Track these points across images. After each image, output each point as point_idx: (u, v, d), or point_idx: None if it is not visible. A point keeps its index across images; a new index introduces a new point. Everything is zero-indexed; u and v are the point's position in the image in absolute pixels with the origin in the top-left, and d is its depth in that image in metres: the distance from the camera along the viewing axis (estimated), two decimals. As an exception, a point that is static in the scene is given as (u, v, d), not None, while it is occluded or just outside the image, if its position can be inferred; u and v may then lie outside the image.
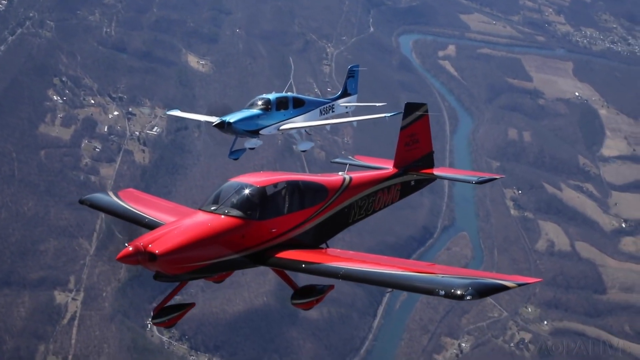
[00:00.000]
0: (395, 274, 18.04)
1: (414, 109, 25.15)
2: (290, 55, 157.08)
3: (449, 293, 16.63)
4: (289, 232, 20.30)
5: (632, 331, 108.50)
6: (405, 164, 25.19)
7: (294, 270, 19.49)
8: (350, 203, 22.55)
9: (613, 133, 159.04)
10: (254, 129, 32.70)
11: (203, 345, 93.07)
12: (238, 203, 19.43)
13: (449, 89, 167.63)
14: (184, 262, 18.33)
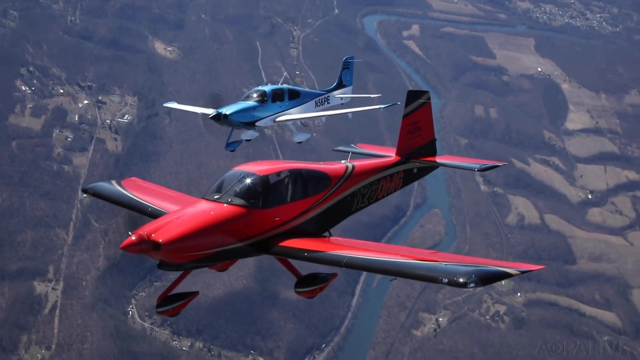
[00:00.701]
0: (398, 262, 18.09)
1: (416, 97, 25.14)
2: (257, 40, 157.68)
3: (452, 281, 16.60)
4: (292, 221, 20.27)
5: (602, 299, 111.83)
6: (408, 152, 25.23)
7: (297, 259, 19.38)
8: (353, 191, 22.53)
9: (576, 107, 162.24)
10: (250, 121, 32.73)
11: (185, 329, 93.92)
12: (241, 192, 19.41)
13: (415, 68, 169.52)
14: (187, 250, 18.31)
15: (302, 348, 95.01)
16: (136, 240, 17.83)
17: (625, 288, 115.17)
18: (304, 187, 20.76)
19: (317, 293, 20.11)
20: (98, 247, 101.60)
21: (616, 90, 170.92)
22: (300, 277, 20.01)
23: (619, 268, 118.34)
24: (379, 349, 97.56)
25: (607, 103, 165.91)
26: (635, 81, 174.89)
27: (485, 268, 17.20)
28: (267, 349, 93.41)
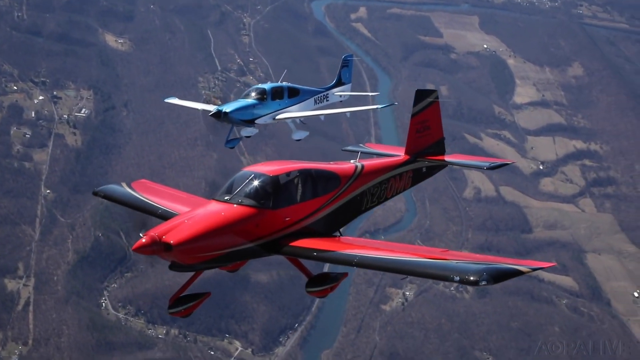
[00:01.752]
0: (410, 261, 18.16)
1: (424, 96, 25.16)
2: (208, 28, 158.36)
3: (464, 279, 16.66)
4: (303, 221, 20.37)
5: (559, 264, 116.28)
6: (417, 151, 25.26)
7: (308, 259, 19.54)
8: (363, 190, 22.62)
9: (522, 81, 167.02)
10: (249, 119, 33.16)
11: (160, 318, 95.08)
12: (251, 192, 19.46)
13: (365, 50, 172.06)
14: (198, 251, 18.40)
15: (276, 329, 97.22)
16: (148, 242, 17.93)
17: (579, 253, 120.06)
18: (314, 187, 20.84)
19: (328, 292, 20.17)
20: (66, 241, 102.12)
21: (559, 63, 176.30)
22: (311, 276, 20.11)
23: (572, 234, 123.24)
24: (350, 325, 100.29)
25: (551, 76, 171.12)
26: (576, 54, 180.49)
27: (497, 266, 17.28)
28: (242, 331, 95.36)
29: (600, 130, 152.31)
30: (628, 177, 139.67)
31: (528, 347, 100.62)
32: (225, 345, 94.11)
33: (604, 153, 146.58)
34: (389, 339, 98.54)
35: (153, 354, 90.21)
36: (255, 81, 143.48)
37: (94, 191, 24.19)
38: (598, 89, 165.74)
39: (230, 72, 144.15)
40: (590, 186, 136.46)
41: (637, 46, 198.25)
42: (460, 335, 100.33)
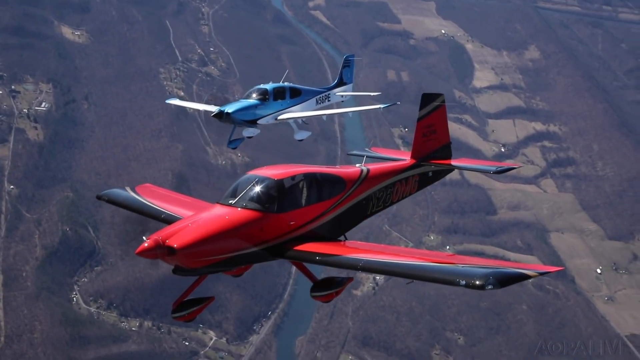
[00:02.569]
0: (416, 265, 18.01)
1: (431, 100, 24.79)
2: (167, 18, 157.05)
3: (470, 283, 16.52)
4: (308, 225, 20.17)
5: (524, 244, 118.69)
6: (423, 155, 24.94)
7: (313, 263, 19.39)
8: (369, 195, 22.41)
9: (481, 65, 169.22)
10: (252, 119, 33.03)
11: (132, 310, 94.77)
12: (256, 196, 19.25)
13: (325, 38, 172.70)
14: (202, 255, 18.20)
15: (250, 317, 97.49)
16: (151, 245, 17.70)
17: (543, 232, 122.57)
18: (319, 191, 20.68)
19: (333, 297, 20.08)
20: (33, 237, 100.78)
21: (516, 47, 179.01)
22: (316, 281, 19.97)
23: (535, 214, 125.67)
24: (323, 311, 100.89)
25: (509, 60, 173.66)
26: (532, 37, 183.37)
27: (503, 270, 17.14)
28: (216, 321, 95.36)
29: (559, 111, 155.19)
30: (587, 157, 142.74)
31: (497, 326, 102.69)
32: (200, 336, 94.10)
33: (563, 134, 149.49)
34: (362, 323, 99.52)
35: (128, 347, 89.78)
36: (217, 71, 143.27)
37: (98, 195, 24.03)
38: (554, 72, 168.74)
39: (192, 63, 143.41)
40: (550, 167, 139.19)
41: (589, 29, 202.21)
42: (432, 317, 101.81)
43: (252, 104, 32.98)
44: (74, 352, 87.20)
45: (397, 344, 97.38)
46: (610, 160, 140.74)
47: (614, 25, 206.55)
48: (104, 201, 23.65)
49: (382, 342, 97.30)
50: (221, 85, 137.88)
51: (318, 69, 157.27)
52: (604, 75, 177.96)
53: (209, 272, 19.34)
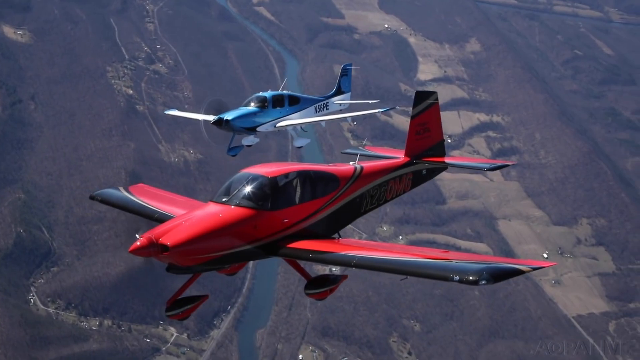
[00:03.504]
0: (409, 261, 17.98)
1: (424, 98, 24.86)
2: (111, 17, 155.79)
3: (464, 279, 16.48)
4: (301, 222, 20.13)
5: (473, 232, 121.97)
6: (417, 153, 25.01)
7: (307, 260, 19.34)
8: (362, 192, 22.39)
9: (424, 58, 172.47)
10: (251, 126, 33.17)
11: (92, 310, 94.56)
12: (249, 194, 19.22)
13: (270, 34, 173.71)
14: (196, 253, 18.15)
15: (210, 312, 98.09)
16: (144, 243, 17.72)
17: (491, 220, 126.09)
18: (313, 188, 20.63)
19: (327, 295, 20.17)
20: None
21: (457, 40, 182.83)
22: (310, 279, 20.05)
23: (483, 203, 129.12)
24: (282, 304, 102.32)
25: (451, 53, 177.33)
26: (472, 30, 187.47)
27: (497, 265, 17.15)
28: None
29: (501, 102, 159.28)
30: (530, 146, 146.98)
31: (451, 312, 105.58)
32: (161, 332, 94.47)
33: (506, 124, 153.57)
34: (321, 314, 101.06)
35: (89, 346, 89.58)
36: (165, 69, 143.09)
37: (91, 195, 23.82)
38: (495, 63, 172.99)
39: (139, 61, 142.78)
40: (495, 156, 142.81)
41: (526, 21, 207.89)
42: (388, 305, 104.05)
43: (251, 112, 33.18)
44: (35, 352, 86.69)
45: (355, 333, 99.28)
46: (552, 149, 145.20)
47: (550, 17, 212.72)
48: (97, 201, 23.48)
49: (341, 332, 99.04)
50: (170, 83, 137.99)
51: (265, 64, 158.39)
52: (543, 66, 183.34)
53: (202, 270, 19.19)
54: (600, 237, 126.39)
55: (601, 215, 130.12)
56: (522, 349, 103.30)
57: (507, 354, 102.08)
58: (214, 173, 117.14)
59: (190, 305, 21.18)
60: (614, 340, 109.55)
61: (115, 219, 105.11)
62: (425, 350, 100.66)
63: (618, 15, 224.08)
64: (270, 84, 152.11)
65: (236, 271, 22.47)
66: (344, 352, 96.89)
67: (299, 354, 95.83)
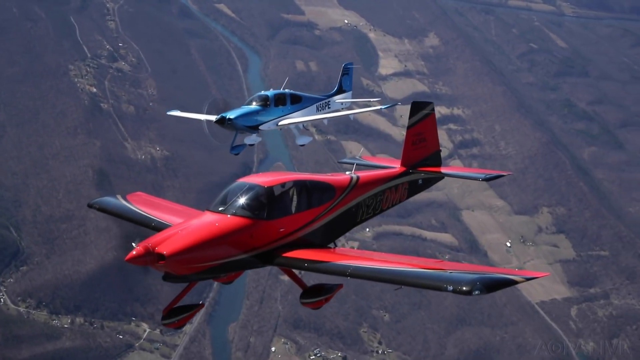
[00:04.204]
0: (404, 271, 18.09)
1: (420, 108, 25.34)
2: (71, 15, 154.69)
3: (457, 289, 16.60)
4: (297, 232, 20.23)
5: (438, 223, 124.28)
6: (413, 163, 25.30)
7: (303, 270, 19.55)
8: (358, 202, 22.50)
9: (385, 53, 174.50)
10: (253, 125, 33.67)
11: (63, 308, 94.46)
12: (246, 203, 19.32)
13: (231, 30, 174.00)
14: (192, 262, 18.26)
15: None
16: (141, 252, 17.77)
17: (455, 211, 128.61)
18: (309, 198, 20.74)
19: (322, 304, 20.60)
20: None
21: (416, 35, 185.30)
22: (305, 288, 20.48)
23: (447, 194, 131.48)
24: (253, 297, 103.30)
25: (410, 47, 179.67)
26: (430, 24, 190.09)
27: (490, 275, 17.32)
28: (148, 313, 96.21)
29: (461, 95, 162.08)
30: (490, 138, 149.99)
31: (419, 301, 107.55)
32: (133, 329, 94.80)
33: (467, 117, 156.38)
34: (291, 306, 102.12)
35: (62, 344, 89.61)
36: (128, 67, 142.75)
37: (89, 204, 23.98)
38: (454, 57, 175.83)
39: (101, 59, 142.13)
40: (457, 148, 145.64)
41: (482, 15, 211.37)
42: (357, 296, 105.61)
43: (253, 110, 33.77)
44: (7, 352, 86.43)
45: (326, 325, 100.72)
46: (512, 140, 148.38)
47: (504, 11, 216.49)
48: (95, 209, 23.66)
49: (312, 324, 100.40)
50: (134, 81, 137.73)
51: (228, 61, 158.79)
52: (500, 60, 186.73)
53: (199, 279, 19.50)
54: (561, 225, 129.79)
55: (561, 203, 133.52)
56: (488, 336, 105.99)
57: (474, 341, 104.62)
58: (181, 170, 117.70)
59: (186, 314, 21.32)
60: (576, 325, 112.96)
61: (84, 217, 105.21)
62: (395, 340, 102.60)
63: (570, 9, 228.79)
64: (233, 80, 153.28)
65: (232, 280, 22.41)
66: (315, 343, 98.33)
67: (272, 347, 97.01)
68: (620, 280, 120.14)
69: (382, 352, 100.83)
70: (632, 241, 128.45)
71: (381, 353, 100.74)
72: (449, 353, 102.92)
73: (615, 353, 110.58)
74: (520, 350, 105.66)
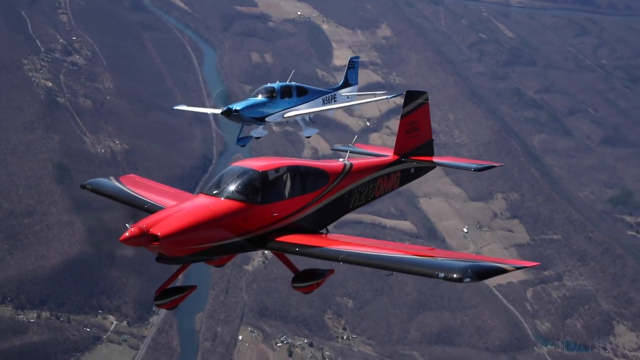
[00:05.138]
0: (396, 257, 18.22)
1: (414, 97, 25.11)
2: (21, 9, 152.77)
3: (448, 276, 16.71)
4: (291, 217, 20.38)
5: (397, 211, 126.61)
6: (406, 152, 25.33)
7: (296, 254, 19.69)
8: (351, 189, 22.66)
9: (338, 44, 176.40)
10: (259, 116, 33.88)
11: (29, 302, 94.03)
12: (240, 187, 19.41)
13: (185, 23, 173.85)
14: (186, 244, 18.36)
15: (147, 299, 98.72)
16: (135, 233, 17.81)
17: (412, 198, 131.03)
18: (302, 183, 20.84)
19: (314, 288, 20.74)
20: None
21: (369, 26, 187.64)
22: (297, 272, 20.54)
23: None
24: (218, 288, 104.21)
25: (363, 38, 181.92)
26: (382, 16, 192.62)
27: (481, 263, 17.45)
28: (115, 306, 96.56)
29: (414, 85, 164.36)
30: (444, 126, 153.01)
31: (381, 287, 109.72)
32: (100, 321, 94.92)
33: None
34: (257, 295, 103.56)
35: (29, 338, 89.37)
36: (83, 60, 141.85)
37: (82, 184, 23.92)
38: (406, 48, 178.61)
39: (55, 53, 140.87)
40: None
41: (431, 6, 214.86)
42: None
43: (259, 102, 34.01)
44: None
45: (292, 312, 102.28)
46: (465, 128, 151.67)
47: (453, 2, 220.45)
48: (88, 190, 23.61)
49: (277, 312, 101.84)
50: (89, 74, 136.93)
51: (183, 54, 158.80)
52: (450, 50, 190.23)
53: (192, 261, 19.55)
54: (515, 211, 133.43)
55: (514, 189, 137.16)
56: (449, 319, 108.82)
57: (435, 324, 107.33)
58: (142, 163, 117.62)
59: (178, 295, 21.24)
60: (532, 306, 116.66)
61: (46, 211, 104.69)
62: (359, 325, 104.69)
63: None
64: (189, 73, 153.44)
65: (224, 263, 22.59)
66: (282, 331, 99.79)
67: (239, 335, 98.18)
68: (572, 262, 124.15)
69: (346, 338, 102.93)
70: (582, 224, 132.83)
71: (346, 338, 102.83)
72: (411, 337, 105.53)
73: (569, 332, 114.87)
74: (479, 332, 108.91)
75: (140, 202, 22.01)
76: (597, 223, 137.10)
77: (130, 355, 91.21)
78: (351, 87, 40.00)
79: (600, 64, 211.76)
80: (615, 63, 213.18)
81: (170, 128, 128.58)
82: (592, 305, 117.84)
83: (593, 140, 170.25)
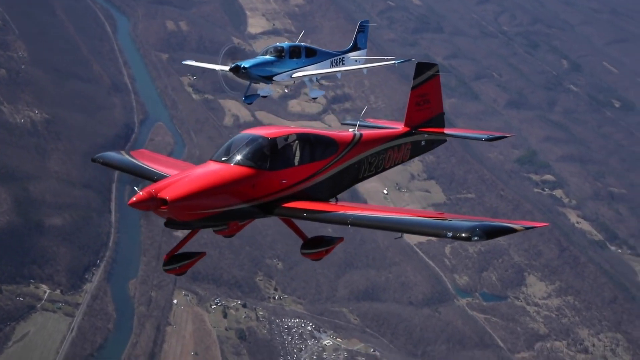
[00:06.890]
0: (405, 219, 18.38)
1: (425, 69, 24.90)
2: None
3: (456, 234, 16.82)
4: (299, 184, 20.19)
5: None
6: (416, 124, 25.17)
7: (304, 219, 19.42)
8: (361, 159, 22.56)
9: (252, 12, 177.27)
10: (267, 75, 33.74)
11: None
12: (249, 153, 19.35)
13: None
14: (194, 209, 18.26)
15: (80, 267, 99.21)
16: (144, 197, 17.71)
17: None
18: (312, 151, 20.71)
19: (323, 255, 20.50)
20: None
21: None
22: (306, 239, 20.37)
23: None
24: (149, 254, 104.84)
25: (276, 6, 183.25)
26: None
27: (490, 223, 17.46)
28: (47, 274, 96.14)
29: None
30: (360, 92, 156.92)
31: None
32: (33, 290, 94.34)
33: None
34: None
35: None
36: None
37: (93, 158, 23.90)
38: (319, 15, 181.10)
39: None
40: (331, 103, 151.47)
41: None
42: (250, 247, 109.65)
43: (268, 60, 33.99)
44: None
45: (224, 276, 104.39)
46: (380, 94, 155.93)
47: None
48: (99, 163, 23.65)
49: (210, 276, 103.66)
50: (2, 43, 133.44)
51: (96, 22, 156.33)
52: (362, 17, 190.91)
53: (200, 227, 19.54)
54: (431, 172, 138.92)
55: (429, 152, 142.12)
56: (374, 276, 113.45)
57: (362, 282, 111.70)
58: (64, 132, 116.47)
59: (187, 260, 21.18)
60: (450, 262, 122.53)
61: None
62: (289, 285, 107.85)
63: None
64: (104, 41, 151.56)
65: (234, 233, 22.12)
66: (215, 293, 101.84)
67: (174, 299, 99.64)
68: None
69: (278, 298, 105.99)
70: (494, 183, 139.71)
71: (277, 298, 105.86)
72: (339, 294, 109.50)
73: (485, 285, 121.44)
74: (403, 288, 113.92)
75: (150, 173, 21.93)
76: (507, 182, 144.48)
77: (67, 322, 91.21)
78: (360, 51, 39.81)
79: (502, 30, 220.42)
80: (516, 29, 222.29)
81: (89, 97, 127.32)
82: (505, 259, 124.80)
83: (499, 104, 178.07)
